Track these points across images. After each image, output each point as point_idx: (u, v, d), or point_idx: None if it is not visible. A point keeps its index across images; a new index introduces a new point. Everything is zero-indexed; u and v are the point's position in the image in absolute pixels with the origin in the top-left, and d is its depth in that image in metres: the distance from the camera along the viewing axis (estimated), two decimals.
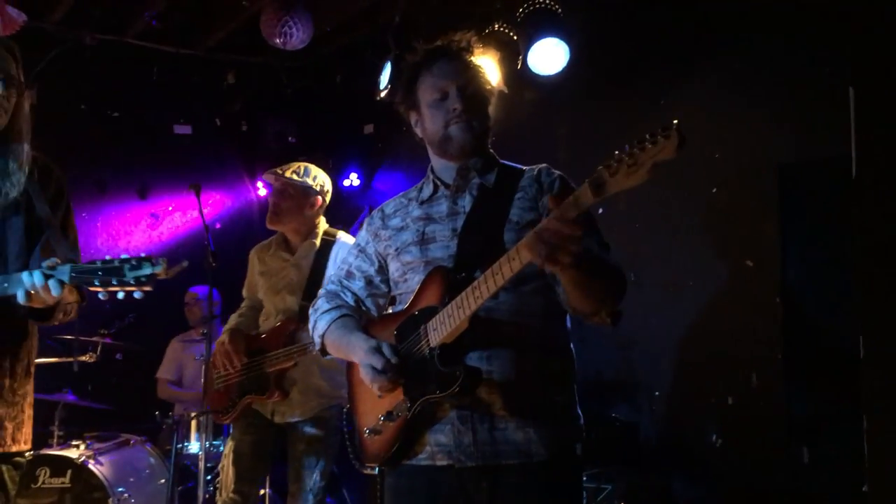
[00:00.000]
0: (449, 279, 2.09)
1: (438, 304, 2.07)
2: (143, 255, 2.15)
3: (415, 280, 2.21)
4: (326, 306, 2.38)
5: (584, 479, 3.86)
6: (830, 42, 3.59)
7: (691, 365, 4.23)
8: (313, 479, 3.61)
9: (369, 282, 2.38)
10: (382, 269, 2.37)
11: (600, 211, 4.63)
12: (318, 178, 3.80)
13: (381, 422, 2.17)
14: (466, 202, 2.23)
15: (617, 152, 1.65)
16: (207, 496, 4.71)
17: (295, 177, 3.74)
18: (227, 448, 3.76)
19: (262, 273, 3.84)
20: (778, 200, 3.87)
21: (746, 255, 4.00)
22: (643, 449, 4.30)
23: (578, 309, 2.04)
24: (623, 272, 2.07)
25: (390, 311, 2.40)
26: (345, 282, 2.42)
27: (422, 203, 2.30)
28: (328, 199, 3.86)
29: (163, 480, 4.88)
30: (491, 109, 2.29)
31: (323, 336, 2.35)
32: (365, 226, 2.43)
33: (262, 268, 3.85)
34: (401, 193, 2.42)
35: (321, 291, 2.47)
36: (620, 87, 4.62)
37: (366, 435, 2.23)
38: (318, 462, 3.62)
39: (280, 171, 3.77)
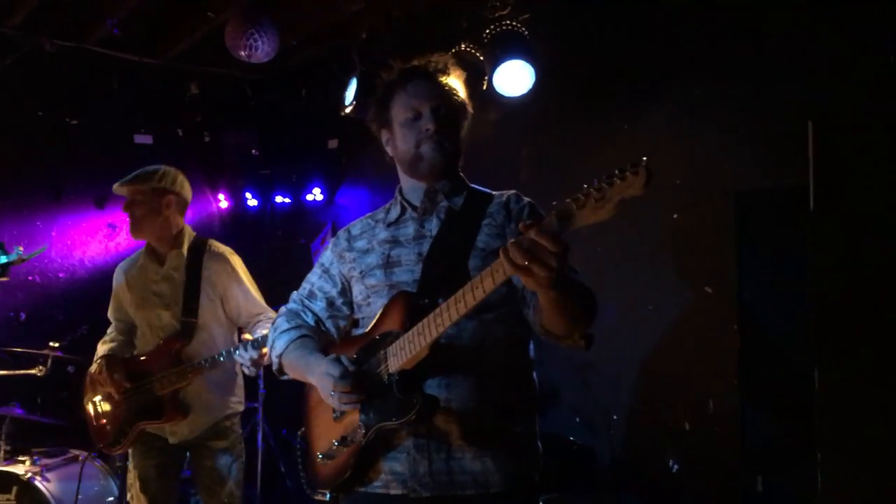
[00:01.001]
0: (411, 304, 2.06)
1: (400, 329, 2.04)
2: None
3: (378, 304, 2.18)
4: (286, 325, 2.34)
5: (540, 502, 3.87)
6: (790, 74, 3.65)
7: (649, 389, 4.24)
8: (227, 490, 3.52)
9: (331, 303, 2.36)
10: (345, 292, 2.34)
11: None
12: (167, 176, 3.62)
13: (334, 447, 2.13)
14: (433, 226, 2.21)
15: (585, 186, 1.64)
16: None
17: (140, 182, 3.60)
18: (132, 477, 3.62)
19: (130, 289, 3.68)
20: (735, 228, 3.90)
21: (705, 281, 4.03)
22: (600, 472, 4.30)
23: (552, 331, 2.01)
24: (594, 295, 2.06)
25: (352, 333, 2.37)
26: (306, 301, 2.39)
27: (389, 225, 2.28)
28: (186, 194, 3.68)
29: (111, 498, 4.76)
30: (463, 133, 2.29)
31: (280, 356, 2.31)
32: (330, 246, 2.40)
33: (129, 284, 3.69)
34: (368, 214, 2.39)
35: (282, 309, 2.43)
36: (585, 111, 4.65)
37: (319, 459, 2.19)
38: (229, 473, 3.54)
39: (123, 182, 3.64)
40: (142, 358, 3.59)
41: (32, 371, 5.00)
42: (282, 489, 5.37)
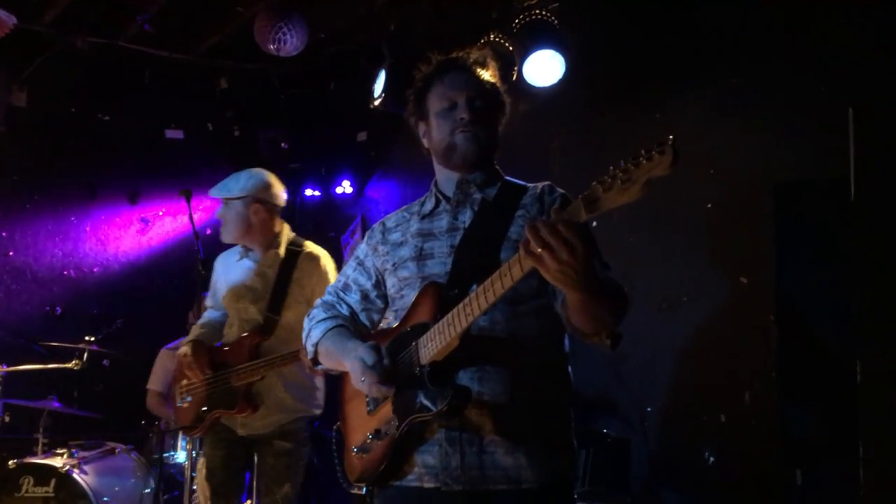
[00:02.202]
0: (441, 295, 2.05)
1: (430, 320, 2.03)
2: None
3: (411, 296, 2.17)
4: (322, 315, 2.35)
5: (575, 496, 3.85)
6: (830, 62, 3.58)
7: (684, 382, 4.20)
8: (284, 491, 3.57)
9: (365, 296, 2.35)
10: (379, 284, 2.34)
11: (594, 224, 4.61)
12: (249, 184, 3.67)
13: (369, 440, 2.13)
14: (467, 217, 2.19)
15: (611, 168, 1.61)
16: None
17: (224, 192, 3.67)
18: (200, 464, 3.70)
19: (226, 280, 3.75)
20: (773, 219, 3.84)
21: (741, 272, 3.98)
22: (634, 466, 4.27)
23: (578, 327, 1.98)
24: (625, 293, 2.01)
25: (384, 326, 2.36)
26: (341, 293, 2.39)
27: (423, 217, 2.26)
28: (275, 200, 3.73)
29: (148, 490, 4.82)
30: (500, 126, 2.27)
31: (316, 345, 2.31)
32: (365, 239, 2.40)
33: (226, 275, 3.77)
34: (404, 207, 2.38)
35: (318, 301, 2.45)
36: (616, 101, 4.60)
37: (354, 453, 2.20)
38: (288, 475, 3.58)
39: (215, 192, 3.72)
40: (225, 348, 3.65)
41: (69, 365, 5.08)
42: (314, 484, 5.38)
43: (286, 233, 3.75)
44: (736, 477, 3.91)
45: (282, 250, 3.66)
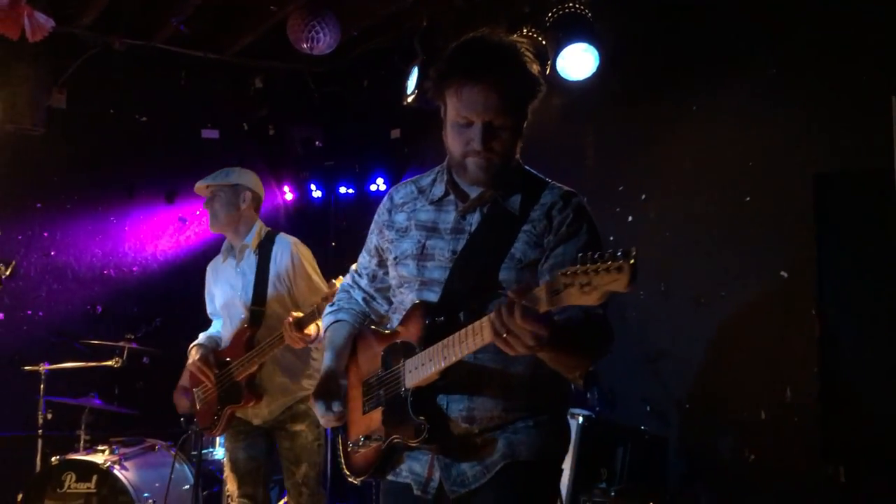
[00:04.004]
0: (428, 321, 2.03)
1: (417, 344, 2.04)
2: None
3: (408, 298, 2.16)
4: (330, 308, 2.42)
5: (612, 493, 3.82)
6: (871, 50, 3.49)
7: (723, 378, 4.14)
8: (302, 472, 3.71)
9: (374, 277, 2.36)
10: (383, 263, 2.31)
11: (629, 219, 4.57)
12: (243, 174, 3.90)
13: (361, 441, 2.19)
14: (474, 220, 2.10)
15: (577, 266, 1.62)
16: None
17: (220, 180, 3.86)
18: (225, 459, 3.91)
19: (216, 285, 3.96)
20: (814, 211, 3.77)
21: (781, 266, 3.90)
22: (672, 463, 4.22)
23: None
24: (607, 332, 1.99)
25: (390, 322, 2.34)
26: (356, 277, 2.42)
27: (431, 202, 2.18)
28: (260, 192, 3.94)
29: (187, 486, 4.88)
30: (519, 138, 2.11)
31: (325, 336, 2.40)
32: (376, 215, 2.35)
33: (216, 281, 3.97)
34: (413, 179, 2.28)
35: (341, 284, 2.50)
36: (651, 93, 4.54)
37: (349, 447, 2.25)
38: (303, 456, 3.72)
39: (202, 182, 3.91)
40: (225, 347, 3.85)
41: (109, 362, 5.16)
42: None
43: (261, 226, 3.91)
44: (777, 475, 3.84)
45: (254, 245, 3.82)
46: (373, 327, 2.34)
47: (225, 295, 3.88)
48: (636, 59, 4.61)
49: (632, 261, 1.55)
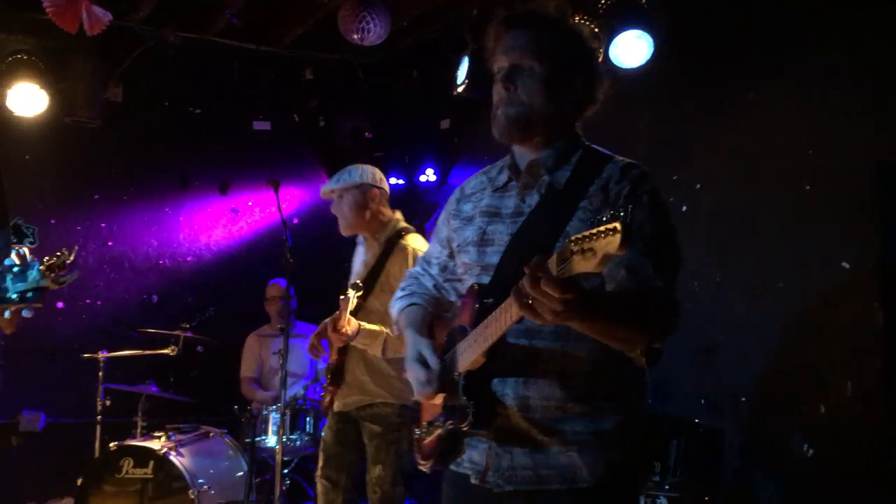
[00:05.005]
0: (478, 302, 1.97)
1: (469, 325, 1.98)
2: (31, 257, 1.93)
3: (468, 285, 2.12)
4: (400, 293, 2.35)
5: (666, 487, 3.76)
6: None
7: (780, 371, 4.05)
8: (376, 472, 3.69)
9: (444, 267, 2.30)
10: (453, 254, 2.26)
11: (683, 209, 4.49)
12: (365, 172, 3.85)
13: (425, 427, 2.16)
14: (534, 201, 2.03)
15: (581, 233, 1.54)
16: (284, 489, 4.76)
17: (344, 181, 3.82)
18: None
19: (354, 273, 3.97)
20: (877, 199, 3.66)
21: (841, 256, 3.80)
22: (727, 456, 4.14)
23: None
24: (666, 302, 1.84)
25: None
26: (425, 266, 2.37)
27: (496, 190, 2.14)
28: (384, 185, 3.90)
29: (240, 473, 4.95)
30: (563, 92, 2.01)
31: (397, 322, 2.32)
32: (447, 204, 2.32)
33: (355, 269, 3.98)
34: (484, 169, 2.25)
35: (409, 271, 2.44)
36: (706, 81, 4.45)
37: (416, 434, 2.21)
38: (378, 457, 3.69)
39: (328, 186, 3.89)
40: None
41: (165, 351, 5.26)
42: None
43: (394, 221, 3.87)
44: (838, 470, 3.75)
45: (382, 240, 3.80)
46: (441, 313, 2.30)
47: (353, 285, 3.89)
48: (691, 45, 4.52)
49: (626, 219, 1.46)
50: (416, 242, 3.80)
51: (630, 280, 1.84)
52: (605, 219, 1.49)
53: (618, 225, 1.47)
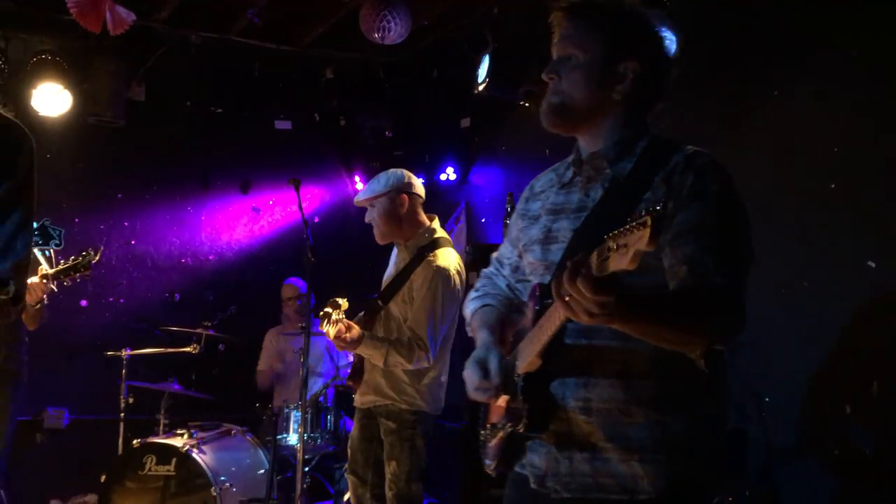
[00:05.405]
0: (537, 304, 1.91)
1: (529, 328, 1.91)
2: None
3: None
4: (474, 294, 2.32)
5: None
6: None
7: (804, 371, 4.01)
8: (392, 469, 3.67)
9: (516, 268, 2.26)
10: (522, 255, 2.21)
11: None
12: (392, 178, 3.84)
13: (489, 429, 2.12)
14: (598, 195, 1.95)
15: (618, 229, 1.46)
16: (305, 486, 4.77)
17: (372, 190, 3.82)
18: None
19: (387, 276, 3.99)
20: None
21: (868, 255, 3.75)
22: (751, 457, 4.11)
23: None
24: (726, 301, 1.76)
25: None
26: (498, 267, 2.35)
27: (562, 186, 2.08)
28: (415, 189, 3.89)
29: (262, 470, 4.98)
30: (627, 75, 1.94)
31: (469, 323, 2.29)
32: (517, 203, 2.28)
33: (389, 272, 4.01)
34: (554, 166, 2.19)
35: (483, 271, 2.40)
36: (731, 78, 4.41)
37: (482, 434, 2.17)
38: (392, 453, 3.68)
39: (360, 196, 3.90)
40: None
41: (187, 349, 5.29)
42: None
43: (428, 230, 3.86)
44: (863, 471, 3.70)
45: (412, 249, 3.80)
46: (512, 315, 2.25)
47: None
48: (715, 42, 4.48)
49: (654, 215, 1.39)
50: (445, 259, 3.75)
51: (689, 277, 1.77)
52: (642, 213, 1.42)
53: (648, 219, 1.39)
